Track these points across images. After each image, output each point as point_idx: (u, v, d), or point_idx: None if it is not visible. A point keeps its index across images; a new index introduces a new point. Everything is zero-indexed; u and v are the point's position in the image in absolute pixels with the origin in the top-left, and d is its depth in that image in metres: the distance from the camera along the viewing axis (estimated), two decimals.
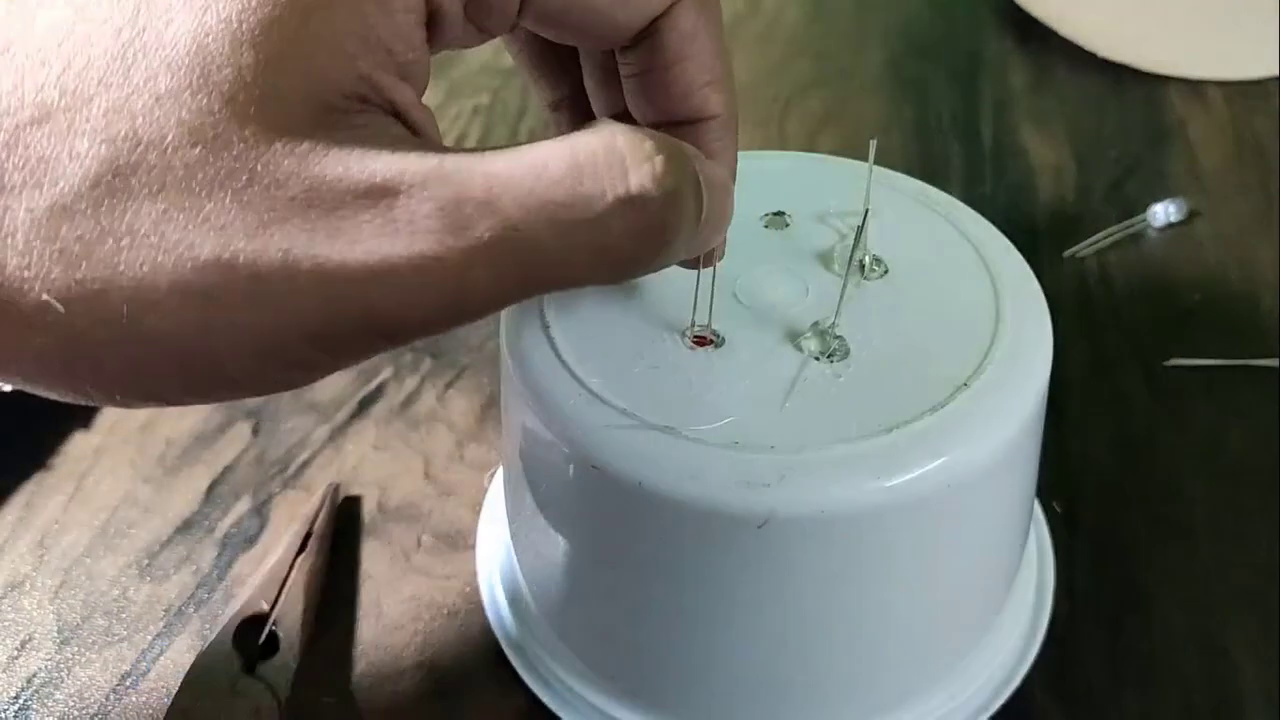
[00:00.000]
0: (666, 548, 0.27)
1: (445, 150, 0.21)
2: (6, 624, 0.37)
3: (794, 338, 0.28)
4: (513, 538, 0.35)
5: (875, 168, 0.31)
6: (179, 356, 0.20)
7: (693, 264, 0.27)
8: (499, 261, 0.20)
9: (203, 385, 0.21)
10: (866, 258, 0.30)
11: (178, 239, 0.19)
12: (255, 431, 0.43)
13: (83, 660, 0.36)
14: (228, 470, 0.41)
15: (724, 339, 0.28)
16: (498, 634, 0.35)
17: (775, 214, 0.32)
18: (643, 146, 0.21)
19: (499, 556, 0.37)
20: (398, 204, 0.19)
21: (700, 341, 0.28)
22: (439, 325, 0.21)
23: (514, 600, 0.35)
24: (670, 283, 0.28)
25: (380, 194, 0.19)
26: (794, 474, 0.25)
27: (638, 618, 0.30)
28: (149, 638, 0.36)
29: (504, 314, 0.30)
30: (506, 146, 0.21)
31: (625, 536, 0.28)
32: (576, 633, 0.32)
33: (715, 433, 0.26)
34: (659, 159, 0.21)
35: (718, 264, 0.28)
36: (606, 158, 0.21)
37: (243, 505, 0.40)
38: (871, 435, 0.26)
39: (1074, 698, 0.34)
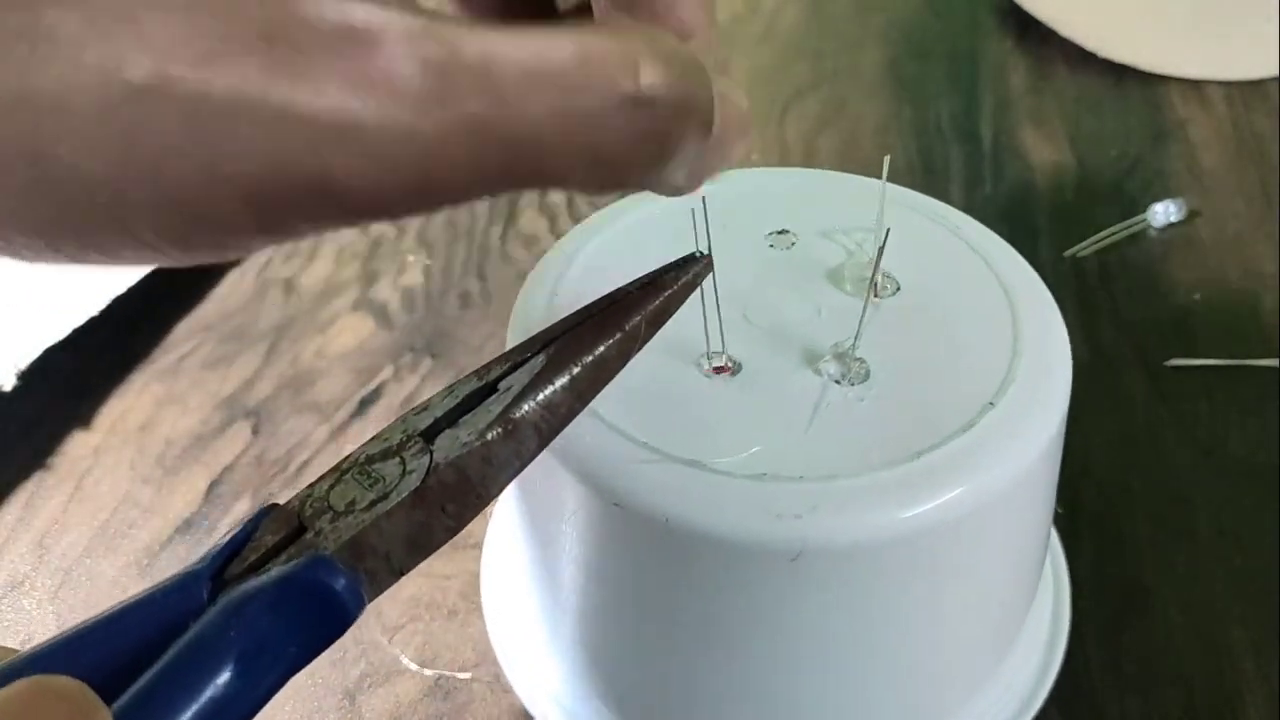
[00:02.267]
0: (693, 584, 0.26)
1: (428, 11, 0.18)
2: (6, 624, 0.37)
3: (812, 361, 0.27)
4: (527, 582, 0.34)
5: (878, 181, 0.30)
6: (88, 199, 0.17)
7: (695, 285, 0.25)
8: (482, 143, 0.18)
9: (108, 240, 0.17)
10: (878, 275, 0.29)
11: (106, 54, 0.16)
12: (255, 431, 0.43)
13: None
14: (228, 470, 0.41)
15: (740, 365, 0.28)
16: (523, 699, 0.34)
17: (780, 232, 0.32)
18: (660, 46, 0.19)
19: (504, 595, 0.36)
20: (377, 55, 0.17)
21: (720, 369, 0.27)
22: (395, 206, 0.18)
23: (528, 650, 0.34)
24: (685, 310, 0.27)
25: (357, 41, 0.17)
26: (826, 504, 0.24)
27: (663, 656, 0.29)
28: None
29: (510, 333, 0.30)
30: (499, 27, 0.18)
31: (650, 575, 0.27)
32: (601, 677, 0.32)
33: (742, 464, 0.25)
34: (675, 60, 0.19)
35: (722, 284, 0.27)
36: (619, 52, 0.19)
37: (243, 505, 0.40)
38: (902, 460, 0.25)
39: (1074, 697, 0.34)
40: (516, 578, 0.35)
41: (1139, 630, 0.35)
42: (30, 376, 0.42)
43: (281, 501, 0.22)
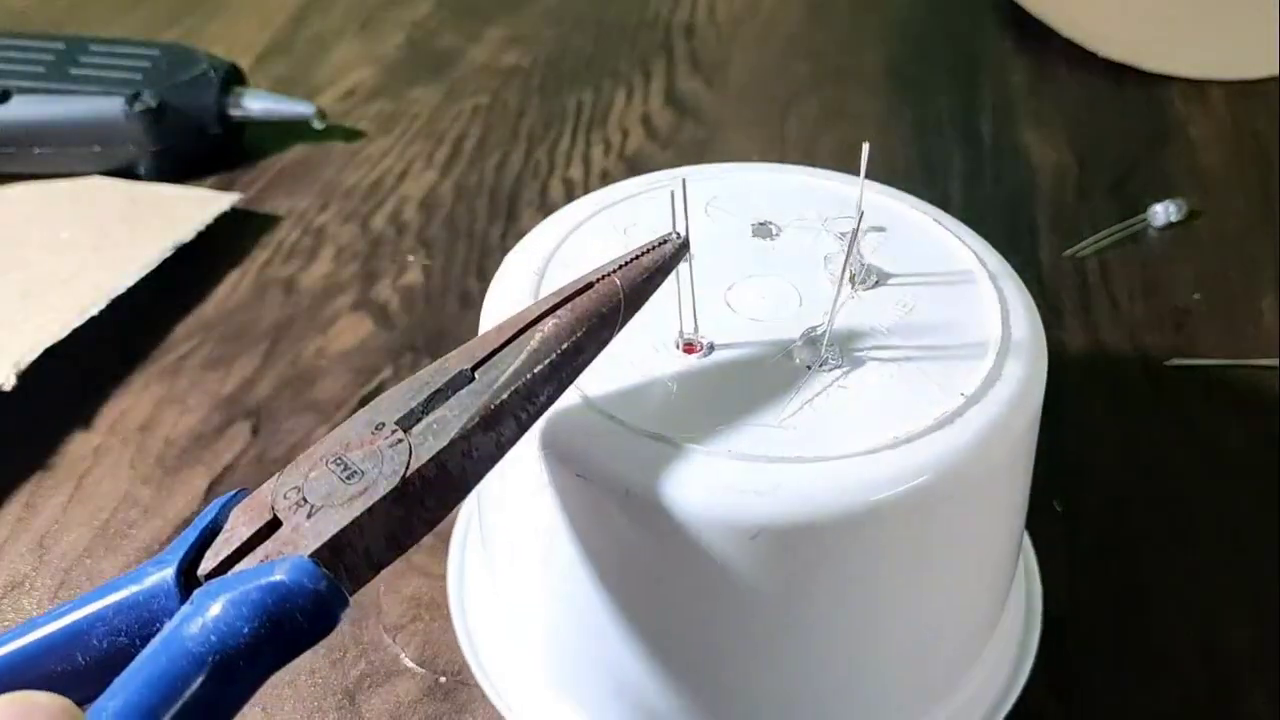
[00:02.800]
0: (654, 558, 0.26)
1: None
2: (6, 624, 0.37)
3: (787, 346, 0.28)
4: (487, 553, 0.34)
5: (867, 180, 0.30)
6: None
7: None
8: None
9: None
10: (858, 266, 0.30)
11: None
12: (255, 431, 0.43)
13: None
14: (228, 470, 0.41)
15: (716, 347, 0.28)
16: (477, 676, 0.34)
17: (762, 223, 0.32)
18: None
19: (466, 571, 0.36)
20: None
21: (691, 349, 0.28)
22: None
23: (488, 625, 0.35)
24: (660, 290, 0.27)
25: None
26: (788, 483, 0.24)
27: (621, 631, 0.29)
28: None
29: (485, 316, 0.30)
30: None
31: (613, 548, 0.27)
32: (567, 653, 0.32)
33: (707, 440, 0.25)
34: None
35: (705, 271, 0.27)
36: None
37: None
38: (869, 446, 0.25)
39: (1074, 697, 0.34)
40: (484, 562, 0.35)
41: (1139, 630, 0.35)
42: (30, 376, 0.42)
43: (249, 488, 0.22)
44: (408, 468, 0.21)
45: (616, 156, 0.58)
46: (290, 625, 0.19)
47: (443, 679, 0.35)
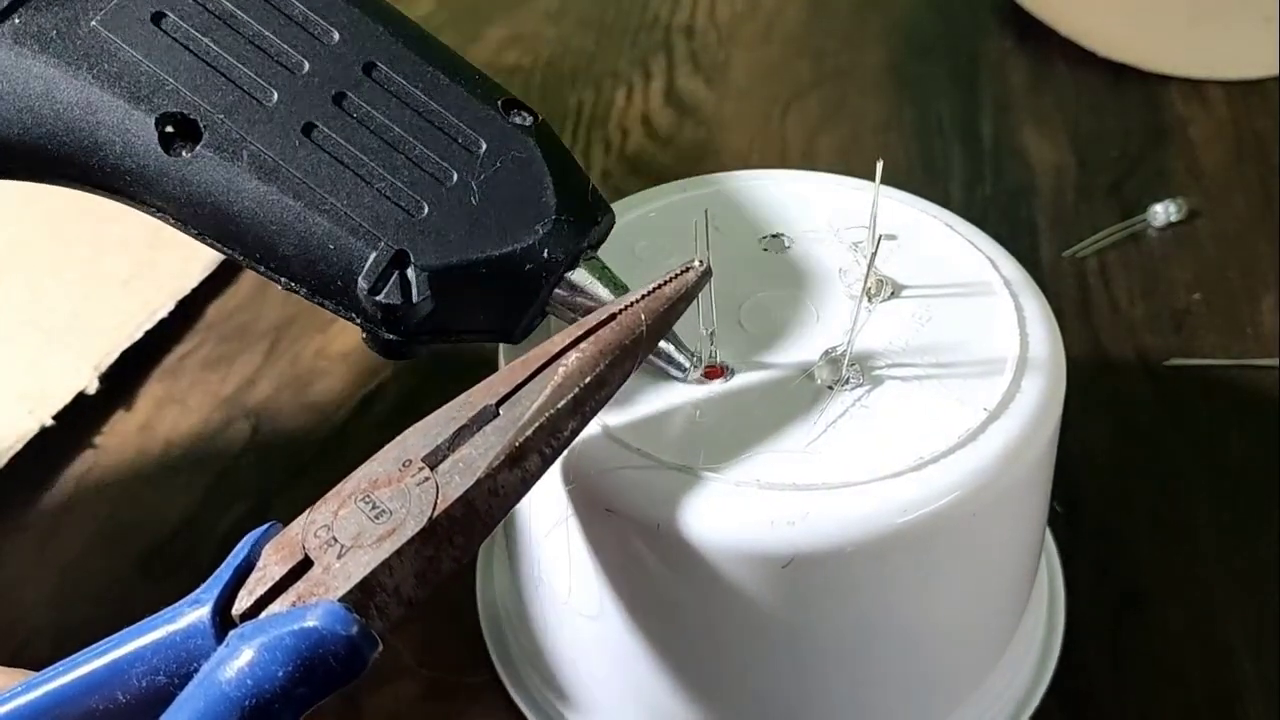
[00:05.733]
0: (686, 590, 0.26)
1: None
2: (6, 624, 0.37)
3: (807, 366, 0.27)
4: (516, 588, 0.34)
5: (873, 184, 0.30)
6: None
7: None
8: None
9: None
10: (872, 280, 0.29)
11: None
12: (255, 431, 0.43)
13: None
14: (228, 470, 0.41)
15: (735, 370, 0.27)
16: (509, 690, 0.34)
17: (773, 236, 0.31)
18: None
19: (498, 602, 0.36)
20: None
21: (711, 374, 0.27)
22: None
23: (525, 654, 0.34)
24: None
25: None
26: (818, 510, 0.24)
27: (656, 661, 0.29)
28: None
29: (503, 349, 0.30)
30: None
31: (643, 581, 0.27)
32: (595, 682, 0.31)
33: (734, 470, 0.25)
34: None
35: (716, 289, 0.27)
36: None
37: (243, 505, 0.40)
38: (896, 467, 0.25)
39: (1074, 697, 0.34)
40: (510, 580, 0.35)
41: (1139, 630, 0.35)
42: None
43: (281, 519, 0.22)
44: (435, 508, 0.21)
45: (617, 156, 0.58)
46: (323, 669, 0.20)
47: (442, 679, 0.35)
